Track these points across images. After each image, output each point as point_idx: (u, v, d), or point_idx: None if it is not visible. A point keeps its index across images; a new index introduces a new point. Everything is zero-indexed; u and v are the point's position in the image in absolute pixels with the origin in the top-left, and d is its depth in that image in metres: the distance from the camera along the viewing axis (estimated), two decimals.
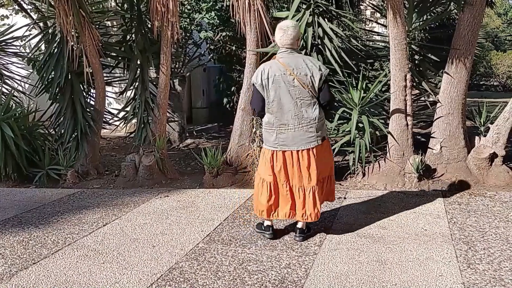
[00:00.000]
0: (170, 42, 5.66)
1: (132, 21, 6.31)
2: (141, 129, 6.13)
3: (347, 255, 3.31)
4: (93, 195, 5.13)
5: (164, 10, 5.38)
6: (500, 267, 3.01)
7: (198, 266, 3.25)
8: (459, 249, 3.31)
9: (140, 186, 5.56)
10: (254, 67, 5.59)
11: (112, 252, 3.52)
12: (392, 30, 4.86)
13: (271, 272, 3.11)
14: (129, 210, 4.51)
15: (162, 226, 4.05)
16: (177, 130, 8.12)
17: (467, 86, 5.19)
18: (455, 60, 5.04)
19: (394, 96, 5.03)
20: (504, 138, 5.01)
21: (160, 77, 5.82)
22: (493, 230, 3.62)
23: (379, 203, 4.40)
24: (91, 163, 6.06)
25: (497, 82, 15.87)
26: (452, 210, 4.11)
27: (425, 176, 4.98)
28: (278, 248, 3.48)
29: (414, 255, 3.26)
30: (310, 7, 5.40)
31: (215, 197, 4.85)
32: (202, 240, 3.71)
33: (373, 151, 5.35)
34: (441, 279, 2.90)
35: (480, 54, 14.56)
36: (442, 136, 5.17)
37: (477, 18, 4.96)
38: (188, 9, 8.07)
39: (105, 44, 6.13)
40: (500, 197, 4.41)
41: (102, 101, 6.13)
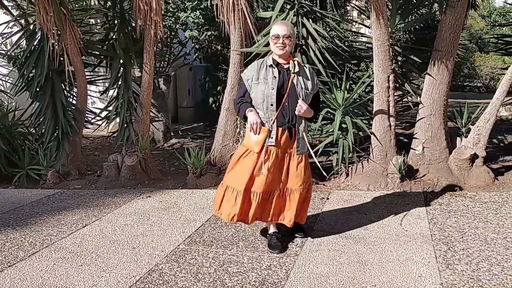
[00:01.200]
0: (153, 41, 5.60)
1: (114, 19, 6.23)
2: (123, 129, 6.06)
3: (328, 256, 3.30)
4: (74, 196, 5.06)
5: (147, 8, 5.32)
6: (478, 268, 3.03)
7: (178, 268, 3.21)
8: (439, 250, 3.33)
9: (123, 187, 5.50)
10: (238, 66, 5.57)
11: (91, 254, 3.46)
12: (375, 32, 4.88)
13: (251, 273, 3.09)
14: (110, 211, 4.45)
15: (143, 227, 4.00)
16: (162, 130, 8.06)
17: (449, 87, 5.23)
18: (437, 61, 5.08)
19: (377, 97, 5.05)
20: (485, 139, 5.07)
21: (143, 76, 5.76)
22: (472, 230, 3.65)
23: (361, 204, 4.41)
24: (73, 163, 5.97)
25: (481, 83, 16.05)
26: (432, 211, 4.13)
27: (407, 177, 5.01)
28: (260, 249, 3.47)
29: (394, 255, 3.27)
30: (294, 8, 5.39)
31: (198, 198, 4.82)
32: (183, 241, 3.67)
33: (357, 152, 5.37)
34: (420, 279, 2.91)
35: (464, 55, 14.73)
36: (424, 137, 5.21)
37: (458, 20, 5.01)
38: (173, 8, 8.02)
39: (87, 42, 6.05)
40: (480, 197, 4.45)
41: (84, 100, 6.04)
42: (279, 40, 3.16)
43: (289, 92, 3.19)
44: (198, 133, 9.12)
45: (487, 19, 25.57)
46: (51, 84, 5.99)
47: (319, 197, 4.65)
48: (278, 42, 3.17)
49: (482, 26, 24.14)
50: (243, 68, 5.67)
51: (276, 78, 3.19)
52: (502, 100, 5.08)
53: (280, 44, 3.17)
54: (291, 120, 3.22)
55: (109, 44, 6.23)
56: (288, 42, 3.18)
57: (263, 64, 3.26)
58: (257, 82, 3.22)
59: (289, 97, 3.19)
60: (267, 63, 3.25)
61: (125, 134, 6.02)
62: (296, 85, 3.20)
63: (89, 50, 6.19)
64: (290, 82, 3.19)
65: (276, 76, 3.20)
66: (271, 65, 3.23)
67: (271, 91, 3.17)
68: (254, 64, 3.30)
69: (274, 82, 3.18)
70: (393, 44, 6.08)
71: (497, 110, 5.07)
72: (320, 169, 3.65)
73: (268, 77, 3.20)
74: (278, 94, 3.17)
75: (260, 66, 3.26)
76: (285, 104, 3.19)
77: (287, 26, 3.22)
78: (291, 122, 3.22)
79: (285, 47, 3.18)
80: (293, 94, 3.19)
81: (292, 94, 3.19)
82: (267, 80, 3.20)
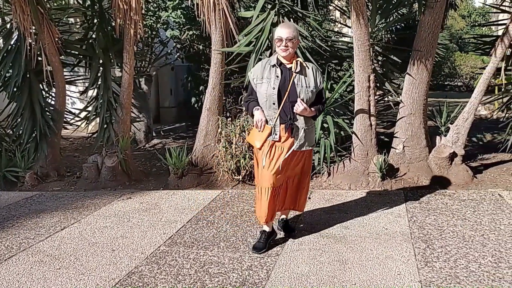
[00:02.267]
0: (133, 41, 5.55)
1: (93, 18, 6.15)
2: (103, 129, 5.98)
3: (309, 255, 3.31)
4: (52, 198, 4.97)
5: (127, 7, 5.26)
6: (456, 265, 3.07)
7: (159, 269, 3.18)
8: (418, 248, 3.36)
9: (103, 188, 5.43)
10: (220, 66, 5.55)
11: (69, 257, 3.41)
12: (355, 31, 4.91)
13: (232, 274, 3.08)
14: (90, 213, 4.39)
15: (123, 229, 3.96)
16: (143, 130, 7.99)
17: (429, 86, 5.29)
18: (416, 61, 5.13)
19: (358, 96, 5.08)
20: (463, 138, 5.14)
21: (124, 76, 5.69)
22: (451, 228, 3.70)
23: (342, 203, 4.43)
24: (51, 165, 5.87)
25: (461, 82, 16.31)
26: (412, 209, 4.17)
27: (388, 176, 5.05)
28: (241, 250, 3.45)
29: (374, 254, 3.29)
30: (275, 7, 5.39)
31: (179, 199, 4.78)
32: (164, 243, 3.64)
33: (338, 151, 5.40)
34: (399, 277, 2.94)
35: (444, 55, 14.94)
36: (405, 136, 5.26)
37: (437, 20, 5.06)
38: (154, 7, 7.95)
39: (65, 42, 5.95)
40: (459, 195, 4.51)
41: (62, 100, 5.95)
42: (282, 43, 3.25)
43: (290, 91, 3.27)
44: (181, 133, 9.07)
45: (467, 19, 26.00)
46: (28, 84, 5.88)
47: None
48: (281, 44, 3.26)
49: (463, 26, 24.52)
50: (224, 68, 5.66)
51: (279, 77, 3.29)
52: (480, 100, 5.17)
53: (283, 46, 3.26)
54: (292, 118, 3.31)
55: (88, 43, 6.15)
56: (290, 45, 3.26)
57: (267, 64, 3.37)
58: (261, 82, 3.34)
59: (290, 96, 3.27)
60: (271, 63, 3.35)
61: (105, 135, 5.95)
62: (296, 84, 3.28)
63: (67, 50, 6.10)
64: (291, 81, 3.27)
65: (279, 76, 3.30)
66: (274, 64, 3.33)
67: (273, 91, 3.27)
68: (259, 64, 3.42)
69: (276, 82, 3.28)
70: (373, 44, 6.13)
71: (475, 109, 5.15)
72: None
73: (271, 76, 3.31)
74: (280, 93, 3.27)
75: (265, 66, 3.37)
76: (287, 102, 3.27)
77: (290, 29, 3.29)
78: (292, 120, 3.31)
79: (288, 49, 3.27)
80: (294, 93, 3.28)
81: (293, 93, 3.28)
82: (270, 79, 3.30)
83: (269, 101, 3.30)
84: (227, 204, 4.53)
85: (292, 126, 3.32)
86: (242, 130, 5.23)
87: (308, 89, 3.31)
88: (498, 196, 4.44)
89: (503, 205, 4.19)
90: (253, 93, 3.41)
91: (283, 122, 3.31)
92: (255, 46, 5.45)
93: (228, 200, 4.67)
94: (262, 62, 3.42)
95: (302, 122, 3.33)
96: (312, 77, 3.35)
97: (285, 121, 3.31)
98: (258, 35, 5.45)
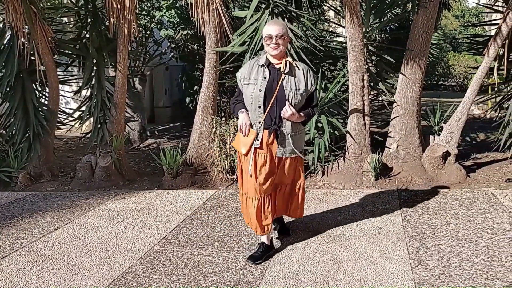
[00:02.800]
0: (127, 40, 5.53)
1: (87, 18, 6.12)
2: (97, 129, 5.96)
3: (303, 254, 3.31)
4: (46, 198, 4.95)
5: (121, 7, 5.25)
6: (449, 263, 3.09)
7: (153, 269, 3.17)
8: (411, 246, 3.37)
9: (97, 188, 5.41)
10: (214, 66, 5.54)
11: (63, 258, 3.39)
12: (349, 31, 4.92)
13: (226, 273, 3.08)
14: (83, 213, 4.37)
15: (117, 229, 3.94)
16: (137, 130, 7.97)
17: (422, 86, 5.31)
18: (410, 61, 5.15)
19: (352, 96, 5.09)
20: (457, 137, 5.17)
21: (117, 75, 5.68)
22: (444, 227, 3.72)
23: (336, 202, 4.44)
24: (45, 165, 5.84)
25: (455, 82, 16.40)
26: (406, 208, 4.19)
27: (382, 175, 5.07)
28: (235, 249, 3.45)
29: (368, 253, 3.30)
30: (269, 7, 5.39)
31: (173, 199, 4.78)
32: (158, 242, 3.63)
33: (332, 151, 5.41)
34: (393, 276, 2.95)
35: (438, 55, 15.01)
36: (399, 135, 5.28)
37: (430, 20, 5.08)
38: (148, 7, 7.92)
39: (59, 41, 5.92)
40: (452, 194, 4.54)
41: (56, 100, 5.92)
42: (273, 41, 3.02)
43: (277, 93, 3.04)
44: (175, 133, 9.05)
45: (461, 19, 26.14)
46: (21, 84, 5.85)
47: None
48: (271, 42, 3.03)
49: (456, 26, 24.66)
50: (219, 68, 5.66)
51: (266, 78, 3.06)
52: (473, 99, 5.19)
53: (273, 44, 3.03)
54: (277, 123, 3.08)
55: (81, 43, 6.12)
56: (281, 42, 3.04)
57: (255, 64, 3.14)
58: (248, 83, 3.11)
59: (278, 99, 3.04)
60: (259, 63, 3.12)
61: (99, 135, 5.92)
62: (285, 87, 3.05)
63: (61, 49, 6.07)
64: (279, 83, 3.04)
65: (266, 77, 3.07)
66: (263, 65, 3.10)
67: (259, 93, 3.05)
68: (247, 64, 3.19)
69: (263, 84, 3.06)
70: (367, 44, 6.15)
71: (468, 108, 5.18)
72: None
73: (259, 77, 3.08)
74: (267, 96, 3.05)
75: (252, 66, 3.14)
76: (273, 105, 3.05)
77: (279, 25, 3.07)
78: (278, 125, 3.09)
79: (279, 46, 3.04)
80: (282, 96, 3.04)
81: (281, 95, 3.04)
82: (257, 80, 3.07)
83: (254, 104, 3.08)
84: (222, 204, 4.53)
85: (277, 132, 3.10)
86: (236, 130, 5.23)
87: (298, 92, 3.07)
88: (491, 195, 4.47)
89: (496, 204, 4.21)
90: (240, 95, 3.19)
91: (267, 127, 3.08)
92: (249, 46, 5.45)
93: (222, 199, 4.67)
94: (251, 62, 3.19)
95: (289, 127, 3.10)
96: (303, 78, 3.11)
97: (269, 126, 3.09)
98: (252, 34, 5.45)
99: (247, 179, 3.18)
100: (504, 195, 4.45)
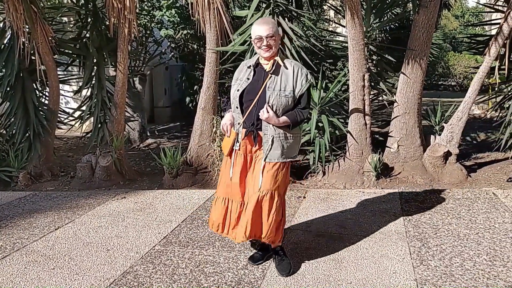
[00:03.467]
0: (127, 40, 5.52)
1: (87, 17, 6.11)
2: (97, 129, 5.95)
3: (304, 254, 3.30)
4: (46, 198, 4.94)
5: (121, 6, 5.24)
6: (451, 263, 3.08)
7: (154, 269, 3.17)
8: (413, 246, 3.36)
9: (97, 188, 5.40)
10: (214, 65, 5.54)
11: (64, 257, 3.38)
12: (350, 31, 4.91)
13: (227, 273, 3.07)
14: (84, 213, 4.36)
15: (118, 228, 3.94)
16: (137, 130, 7.96)
17: (423, 86, 5.31)
18: (411, 60, 5.15)
19: (353, 95, 5.08)
20: (458, 137, 5.17)
21: (117, 75, 5.67)
22: (445, 226, 3.71)
23: (337, 202, 4.44)
24: (45, 165, 5.83)
25: (455, 82, 16.39)
26: (407, 208, 4.18)
27: (383, 175, 5.06)
28: (236, 249, 3.44)
29: (369, 253, 3.29)
30: (270, 6, 5.38)
31: (174, 198, 4.77)
32: (159, 242, 3.62)
33: (333, 150, 5.40)
34: (395, 276, 2.94)
35: (438, 55, 15.00)
36: (399, 135, 5.27)
37: (431, 20, 5.08)
38: (148, 6, 7.91)
39: (59, 41, 5.91)
40: (453, 194, 4.53)
41: (56, 100, 5.91)
42: (263, 42, 2.84)
43: (260, 95, 2.86)
44: (175, 133, 9.04)
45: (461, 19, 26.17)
46: (21, 84, 5.83)
47: (296, 196, 4.66)
48: (262, 44, 2.85)
49: (456, 26, 24.67)
50: (219, 67, 5.65)
51: (249, 80, 2.94)
52: (474, 99, 5.19)
53: (264, 46, 2.84)
54: (255, 124, 2.91)
55: (82, 42, 6.11)
56: (272, 42, 2.84)
57: (244, 65, 3.04)
58: (234, 83, 3.01)
59: (259, 100, 2.87)
60: (247, 64, 3.02)
61: (99, 135, 5.91)
62: (268, 87, 2.86)
63: (61, 49, 6.05)
64: (264, 84, 2.87)
65: (250, 78, 2.94)
66: (250, 65, 2.99)
67: (236, 93, 2.94)
68: (241, 64, 3.10)
69: (243, 85, 2.94)
70: (368, 43, 6.14)
71: (469, 108, 5.18)
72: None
73: (243, 78, 2.96)
74: (247, 97, 2.92)
75: (242, 67, 3.05)
76: (254, 107, 2.88)
77: (269, 24, 2.86)
78: (255, 126, 2.91)
79: (271, 48, 2.85)
80: (264, 97, 2.86)
81: (264, 97, 2.86)
82: (241, 81, 2.96)
83: (233, 105, 2.97)
84: None
85: (254, 133, 2.91)
86: None
87: (282, 93, 2.84)
88: (492, 194, 4.47)
89: (497, 203, 4.21)
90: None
91: (246, 128, 2.93)
92: (249, 46, 5.44)
93: None
94: (244, 62, 3.09)
95: (271, 130, 2.86)
96: (291, 79, 2.87)
97: (247, 127, 2.93)
98: None
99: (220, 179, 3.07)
100: (506, 195, 4.45)
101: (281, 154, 2.90)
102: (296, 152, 3.03)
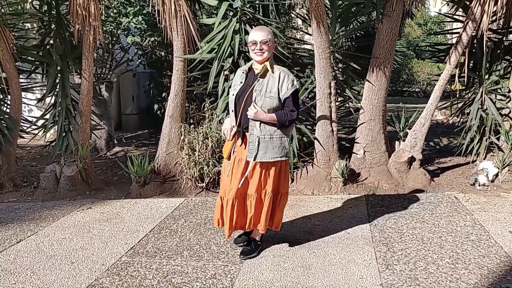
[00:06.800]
0: (92, 47, 5.42)
1: (51, 24, 5.96)
2: (62, 138, 5.79)
3: (272, 262, 3.32)
4: (7, 210, 4.77)
5: (85, 13, 5.14)
6: (416, 267, 3.15)
7: (120, 281, 3.10)
8: (379, 251, 3.43)
9: (62, 198, 5.26)
10: (182, 73, 5.50)
11: (25, 271, 3.27)
12: (316, 39, 4.98)
13: (196, 283, 3.04)
14: (47, 225, 4.24)
15: (83, 240, 3.84)
16: (104, 138, 7.80)
17: (387, 93, 5.43)
18: (375, 68, 5.27)
19: (320, 103, 5.15)
20: (421, 143, 5.31)
21: (82, 83, 5.56)
22: (410, 231, 3.80)
23: (305, 209, 4.47)
24: (6, 175, 5.63)
25: (419, 88, 16.85)
26: (373, 213, 4.26)
27: (350, 180, 5.14)
28: (204, 258, 3.42)
29: (337, 258, 3.33)
30: (237, 15, 5.41)
31: (141, 208, 4.69)
32: (126, 253, 3.56)
33: (301, 157, 5.45)
34: (361, 281, 2.99)
35: (402, 62, 15.41)
36: (365, 141, 5.38)
37: (394, 28, 5.22)
38: (114, 13, 7.79)
39: (21, 47, 5.74)
40: (418, 198, 4.65)
41: (18, 108, 5.73)
42: (257, 46, 3.09)
43: (247, 97, 3.10)
44: (143, 140, 8.91)
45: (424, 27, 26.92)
46: None
47: None
48: (256, 48, 3.10)
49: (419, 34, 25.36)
50: (186, 75, 5.62)
51: (242, 83, 3.19)
52: (436, 105, 5.35)
53: (258, 50, 3.10)
54: (243, 124, 3.14)
55: (45, 49, 5.95)
56: (266, 48, 3.09)
57: (239, 70, 3.30)
58: (231, 89, 3.27)
59: (247, 102, 3.10)
60: (241, 69, 3.28)
61: (64, 143, 5.76)
62: (255, 90, 3.09)
63: (23, 56, 5.87)
64: (252, 87, 3.11)
65: (242, 82, 3.20)
66: (244, 70, 3.25)
67: (232, 97, 3.21)
68: (237, 70, 3.35)
69: (237, 88, 3.20)
70: (334, 51, 6.24)
71: (431, 114, 5.33)
72: None
73: (238, 83, 3.22)
74: (240, 99, 3.15)
75: (239, 71, 3.29)
76: (244, 109, 3.11)
77: (264, 31, 3.14)
78: (243, 127, 3.15)
79: (264, 53, 3.10)
80: (251, 99, 3.10)
81: (251, 99, 3.10)
82: (236, 85, 3.23)
83: (230, 109, 3.25)
84: (191, 212, 4.48)
85: (242, 134, 3.16)
86: (205, 137, 5.20)
87: (267, 94, 3.08)
88: (454, 198, 4.61)
89: (459, 207, 4.35)
90: None
91: (238, 130, 3.19)
92: (217, 53, 5.44)
93: (191, 208, 4.63)
94: (239, 68, 3.34)
95: (257, 130, 3.11)
96: (277, 83, 3.10)
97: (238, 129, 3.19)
98: (220, 42, 5.45)
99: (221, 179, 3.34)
100: (467, 198, 4.60)
101: (274, 153, 3.15)
102: (283, 153, 3.23)
